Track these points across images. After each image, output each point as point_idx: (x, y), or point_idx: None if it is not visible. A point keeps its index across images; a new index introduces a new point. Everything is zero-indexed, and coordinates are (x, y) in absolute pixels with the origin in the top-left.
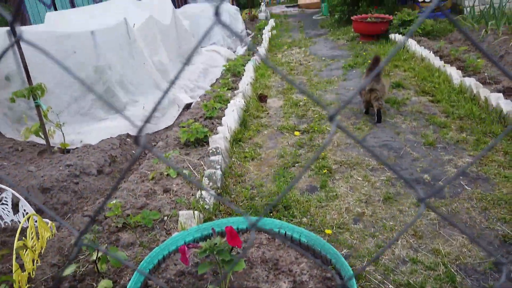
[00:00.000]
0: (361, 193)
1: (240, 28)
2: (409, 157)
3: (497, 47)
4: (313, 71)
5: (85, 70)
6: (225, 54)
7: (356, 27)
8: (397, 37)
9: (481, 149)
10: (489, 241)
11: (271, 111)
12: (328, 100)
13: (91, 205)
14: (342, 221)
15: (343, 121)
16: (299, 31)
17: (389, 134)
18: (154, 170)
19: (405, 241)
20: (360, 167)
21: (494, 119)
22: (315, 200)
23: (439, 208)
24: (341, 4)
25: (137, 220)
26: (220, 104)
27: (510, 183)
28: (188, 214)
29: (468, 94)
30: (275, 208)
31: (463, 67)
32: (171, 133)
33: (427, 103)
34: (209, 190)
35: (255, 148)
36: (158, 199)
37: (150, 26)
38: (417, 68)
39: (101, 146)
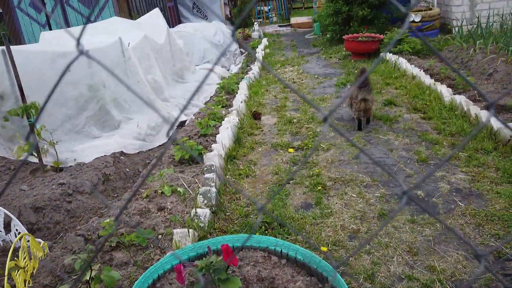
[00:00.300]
0: (355, 210)
1: (233, 47)
2: (402, 173)
3: (486, 65)
4: (306, 88)
5: (79, 88)
6: (219, 72)
7: (347, 46)
8: (387, 56)
9: (473, 165)
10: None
11: (265, 128)
12: (321, 117)
13: (84, 224)
14: (337, 238)
15: (337, 138)
16: (292, 49)
17: (382, 151)
18: (148, 188)
19: (401, 258)
20: (354, 184)
21: (485, 135)
22: (310, 217)
23: (433, 225)
24: (332, 24)
25: (131, 239)
26: (214, 121)
27: (502, 199)
28: (183, 233)
29: (459, 111)
30: (270, 225)
31: (453, 85)
32: (166, 150)
33: (419, 120)
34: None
35: (250, 165)
36: (152, 217)
37: (144, 45)
38: (409, 86)
39: (95, 164)
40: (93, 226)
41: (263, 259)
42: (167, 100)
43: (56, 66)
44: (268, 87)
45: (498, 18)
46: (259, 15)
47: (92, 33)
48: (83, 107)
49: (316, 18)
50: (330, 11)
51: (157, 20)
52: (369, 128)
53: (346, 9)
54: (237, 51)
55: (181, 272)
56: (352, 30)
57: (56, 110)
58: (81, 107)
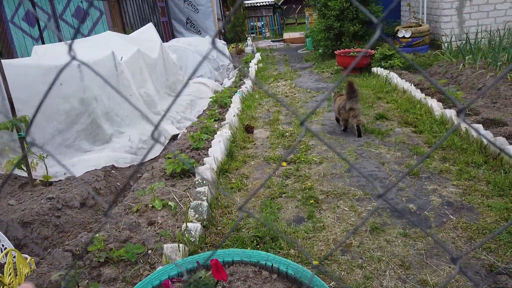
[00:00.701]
0: (348, 224)
1: (227, 61)
2: (395, 187)
3: (475, 80)
4: (298, 102)
5: (71, 102)
6: (212, 86)
7: (339, 61)
8: (379, 71)
9: (464, 179)
10: (476, 270)
11: (257, 142)
12: (314, 131)
13: (72, 240)
14: (329, 252)
15: (329, 152)
16: (285, 64)
17: (374, 164)
18: (139, 202)
19: (393, 272)
20: (346, 197)
21: (475, 149)
22: (302, 231)
23: (425, 238)
24: (324, 39)
25: (120, 254)
26: (206, 135)
27: (493, 213)
28: (173, 248)
29: (449, 125)
30: (262, 239)
31: (443, 100)
32: (157, 164)
33: (410, 133)
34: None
35: (242, 179)
36: (142, 232)
37: (137, 59)
38: (400, 100)
39: (85, 178)
40: (81, 241)
41: (253, 274)
42: (159, 114)
43: (48, 80)
44: (261, 100)
45: (486, 34)
46: (253, 30)
47: (85, 47)
48: (74, 120)
49: (309, 33)
50: (322, 26)
51: (150, 34)
52: (361, 141)
53: (338, 25)
54: (230, 65)
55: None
56: (344, 45)
57: (47, 123)
58: (72, 121)
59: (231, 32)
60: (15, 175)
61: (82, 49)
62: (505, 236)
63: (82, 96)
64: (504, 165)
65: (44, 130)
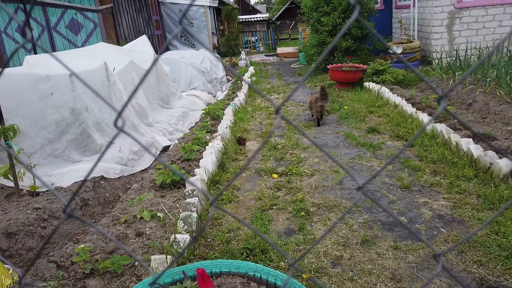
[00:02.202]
0: (339, 236)
1: (220, 74)
2: (385, 199)
3: (465, 96)
4: (291, 115)
5: (61, 111)
6: (205, 99)
7: (332, 75)
8: (371, 85)
9: (455, 192)
10: (466, 284)
11: (249, 154)
12: (306, 144)
13: (58, 250)
14: (320, 265)
15: (321, 164)
16: (278, 78)
17: (365, 177)
18: (127, 213)
19: (384, 285)
20: (337, 210)
21: (466, 163)
22: (293, 243)
23: (416, 251)
24: (317, 54)
25: (106, 265)
26: (198, 146)
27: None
28: (161, 259)
29: (440, 139)
30: (252, 252)
31: (434, 114)
32: (147, 175)
33: (402, 147)
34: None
35: (233, 191)
36: (130, 243)
37: (130, 70)
38: (391, 114)
39: (73, 189)
40: (66, 252)
41: (241, 285)
42: (151, 125)
43: (39, 90)
44: (253, 113)
45: (476, 51)
46: (246, 44)
47: (77, 57)
48: (64, 130)
49: (302, 48)
50: (315, 41)
51: (144, 46)
52: (353, 154)
53: (330, 40)
54: (224, 78)
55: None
56: (336, 60)
57: (36, 133)
58: (62, 131)
59: (225, 45)
60: (2, 185)
61: (74, 59)
62: (495, 250)
63: (73, 106)
64: (494, 179)
65: (33, 140)
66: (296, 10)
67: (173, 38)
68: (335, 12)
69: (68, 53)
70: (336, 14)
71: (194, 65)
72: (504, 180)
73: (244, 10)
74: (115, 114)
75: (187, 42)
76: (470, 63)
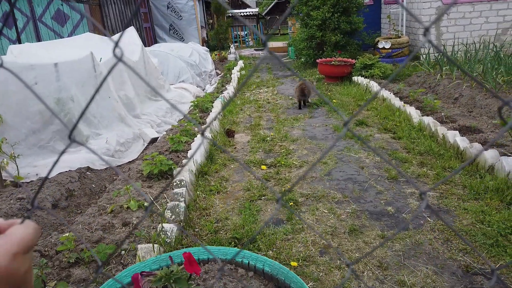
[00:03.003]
0: (327, 225)
1: (209, 68)
2: (373, 190)
3: (452, 90)
4: (280, 109)
5: (46, 101)
6: (194, 92)
7: (321, 70)
8: (359, 79)
9: (441, 183)
10: (452, 271)
11: (238, 146)
12: (295, 136)
13: (42, 240)
14: (308, 254)
15: (309, 156)
16: (267, 72)
17: (353, 168)
18: (113, 203)
19: (371, 273)
20: (326, 200)
21: (452, 155)
22: (281, 233)
23: (403, 240)
24: (307, 48)
25: (91, 254)
26: (186, 137)
27: (469, 215)
28: (148, 248)
29: (427, 131)
30: (240, 241)
31: (421, 107)
32: (134, 166)
33: (389, 139)
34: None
35: (221, 182)
36: (116, 232)
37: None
38: (379, 108)
39: (58, 179)
40: (51, 242)
41: (229, 271)
42: (138, 117)
43: (23, 78)
44: (242, 106)
45: (463, 47)
46: (236, 39)
47: (63, 47)
48: (49, 121)
49: (291, 42)
50: (304, 36)
51: (131, 38)
52: (341, 146)
53: (320, 35)
54: (213, 72)
55: (138, 282)
56: (326, 54)
57: (20, 123)
58: (47, 121)
59: (214, 39)
60: None
61: (60, 49)
62: (480, 238)
63: (58, 96)
64: (479, 170)
65: (17, 130)
66: (286, 4)
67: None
68: (325, 6)
69: (54, 42)
70: (326, 9)
71: (182, 58)
72: (490, 171)
73: (234, 4)
74: (102, 105)
75: (175, 35)
76: (457, 58)
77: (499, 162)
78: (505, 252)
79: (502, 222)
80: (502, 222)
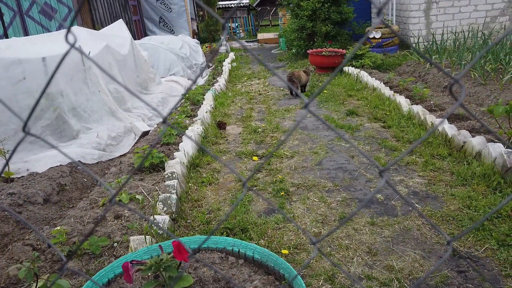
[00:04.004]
0: (317, 214)
1: (200, 60)
2: (363, 178)
3: (441, 79)
4: (271, 100)
5: (35, 96)
6: (184, 84)
7: (312, 60)
8: (350, 69)
9: (429, 170)
10: (439, 255)
11: (230, 138)
12: (286, 127)
13: (34, 234)
14: (299, 242)
15: (300, 146)
16: (259, 64)
17: (344, 158)
18: (105, 196)
19: (360, 259)
20: (316, 189)
21: (440, 142)
22: (273, 222)
23: (392, 226)
24: (297, 39)
25: (84, 247)
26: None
27: (456, 201)
28: (140, 240)
29: (416, 120)
30: (232, 231)
31: (411, 96)
32: (125, 159)
33: (379, 128)
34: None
35: (213, 173)
36: (108, 225)
37: (106, 55)
38: (369, 97)
39: (49, 174)
40: (43, 236)
41: (220, 260)
42: (129, 111)
43: (10, 74)
44: (234, 98)
45: (452, 36)
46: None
47: (51, 41)
48: (38, 116)
49: (282, 33)
50: (295, 26)
51: (120, 31)
52: (332, 136)
53: (310, 25)
54: (204, 64)
55: (128, 270)
56: (316, 45)
57: (9, 119)
58: (37, 116)
59: (205, 31)
60: None
61: (47, 43)
62: (467, 223)
63: (47, 91)
64: (467, 157)
65: (6, 126)
66: None
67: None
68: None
69: (42, 37)
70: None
71: (173, 51)
72: (477, 157)
73: None
74: (92, 99)
75: (166, 28)
76: (446, 47)
77: (486, 149)
78: (490, 236)
79: (488, 207)
80: (488, 207)
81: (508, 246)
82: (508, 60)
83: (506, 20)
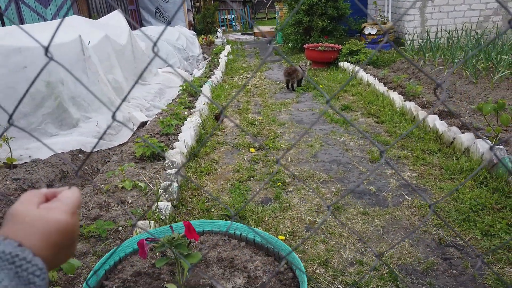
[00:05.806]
0: (312, 204)
1: (196, 52)
2: (356, 171)
3: (434, 76)
4: (268, 93)
5: (36, 85)
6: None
7: (308, 55)
8: (345, 65)
9: (420, 164)
10: (427, 244)
11: (227, 130)
12: (282, 120)
13: None
14: (294, 229)
15: (296, 139)
16: (255, 57)
17: (338, 151)
18: (108, 183)
19: (353, 246)
20: (311, 180)
21: (431, 138)
22: (270, 210)
23: (383, 216)
24: (294, 34)
25: (91, 230)
26: (176, 121)
27: (444, 193)
28: (144, 224)
29: (409, 116)
30: (231, 219)
31: (404, 93)
32: (126, 148)
33: (373, 123)
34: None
35: (212, 164)
36: (112, 210)
37: (105, 44)
38: (364, 93)
39: (52, 161)
40: None
41: (223, 242)
42: (128, 101)
43: (11, 62)
44: (230, 91)
45: (446, 34)
46: (223, 22)
47: (49, 30)
48: (39, 104)
49: (279, 27)
50: (291, 21)
51: (118, 21)
52: (327, 130)
53: (307, 20)
54: (200, 56)
55: (143, 247)
56: (313, 40)
57: (10, 106)
58: (38, 104)
59: (201, 23)
60: None
61: (46, 32)
62: (454, 214)
63: (48, 80)
64: (456, 152)
65: (7, 114)
66: None
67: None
68: None
69: (40, 25)
70: None
71: (169, 42)
72: (465, 153)
73: None
74: (92, 88)
75: (162, 18)
76: (439, 45)
77: (474, 145)
78: (475, 226)
79: (474, 199)
80: (474, 199)
81: (491, 236)
82: (499, 60)
83: (499, 20)
